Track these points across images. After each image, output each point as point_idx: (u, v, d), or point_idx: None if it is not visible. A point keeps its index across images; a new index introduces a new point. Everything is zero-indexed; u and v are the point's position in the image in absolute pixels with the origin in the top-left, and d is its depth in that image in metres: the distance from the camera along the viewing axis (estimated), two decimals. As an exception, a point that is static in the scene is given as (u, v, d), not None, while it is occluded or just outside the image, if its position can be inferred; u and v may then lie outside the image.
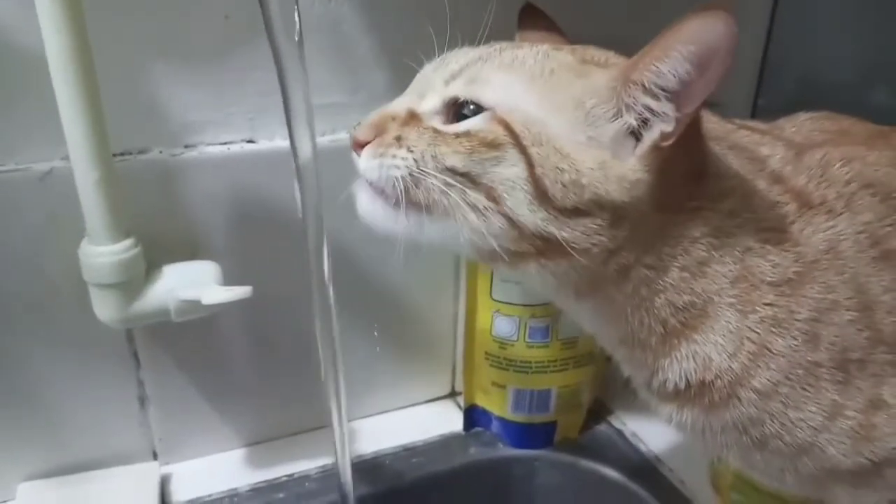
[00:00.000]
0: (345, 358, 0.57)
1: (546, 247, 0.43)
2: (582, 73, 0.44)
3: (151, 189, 0.62)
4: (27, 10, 0.49)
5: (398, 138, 0.44)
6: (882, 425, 0.46)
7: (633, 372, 0.51)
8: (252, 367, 0.72)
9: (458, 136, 0.43)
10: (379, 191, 0.45)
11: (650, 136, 0.42)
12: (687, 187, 0.44)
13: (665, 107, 0.41)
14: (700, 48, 0.39)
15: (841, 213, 0.46)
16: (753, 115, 0.89)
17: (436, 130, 0.44)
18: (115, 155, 0.57)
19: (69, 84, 0.50)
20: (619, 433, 0.79)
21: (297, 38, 0.45)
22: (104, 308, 0.56)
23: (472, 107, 0.44)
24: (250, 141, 0.65)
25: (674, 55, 0.39)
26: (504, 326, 0.72)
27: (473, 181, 0.43)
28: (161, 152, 0.62)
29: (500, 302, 0.71)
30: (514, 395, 0.74)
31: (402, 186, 0.43)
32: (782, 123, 0.53)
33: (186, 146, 0.63)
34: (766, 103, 0.87)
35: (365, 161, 0.45)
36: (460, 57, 0.46)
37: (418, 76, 0.48)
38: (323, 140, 0.66)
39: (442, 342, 0.81)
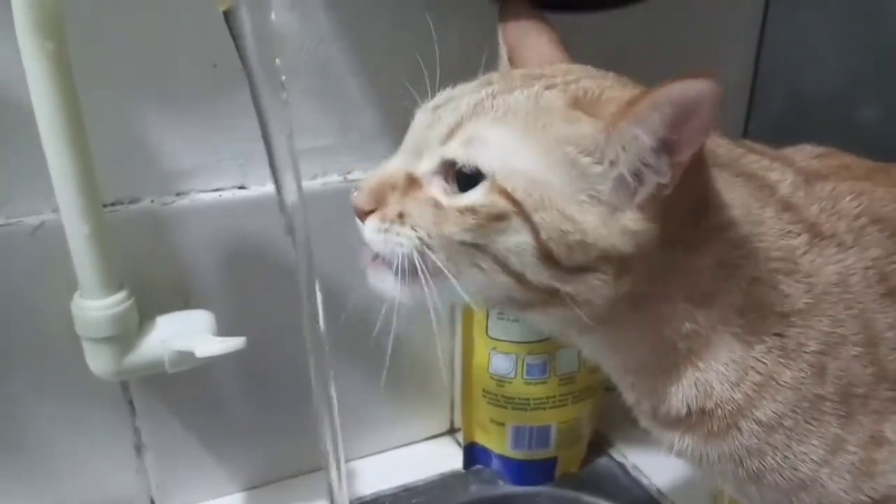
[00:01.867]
0: (340, 397, 0.57)
1: (552, 298, 0.43)
2: (571, 122, 0.42)
3: (143, 239, 0.62)
4: (14, 61, 0.48)
5: (401, 215, 0.44)
6: (882, 461, 0.46)
7: (638, 398, 0.51)
8: (248, 411, 0.72)
9: (461, 211, 0.42)
10: (385, 262, 0.45)
11: (646, 189, 0.41)
12: (691, 221, 0.44)
13: (656, 160, 0.40)
14: (681, 108, 0.38)
15: (851, 247, 0.46)
16: (745, 137, 0.89)
17: (438, 205, 0.43)
18: (105, 205, 0.57)
19: (58, 138, 0.49)
20: (621, 466, 0.79)
21: (283, 93, 0.45)
22: (98, 362, 0.56)
23: (469, 167, 0.42)
24: (241, 187, 0.65)
25: (651, 119, 0.39)
26: (501, 364, 0.71)
27: (479, 249, 0.42)
28: (152, 201, 0.62)
29: (496, 339, 0.71)
30: (513, 432, 0.74)
31: (407, 264, 0.43)
32: (788, 152, 0.53)
33: (178, 194, 0.63)
34: (757, 126, 0.88)
35: (369, 234, 0.45)
36: (452, 107, 0.45)
37: (412, 128, 0.47)
38: (314, 184, 0.66)
39: (439, 378, 0.80)
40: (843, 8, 0.77)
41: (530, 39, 0.53)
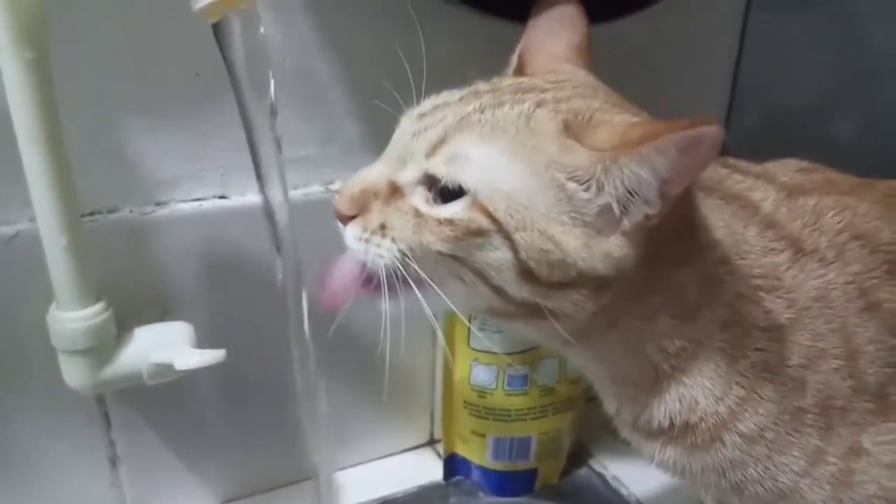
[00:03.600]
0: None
1: (533, 312, 0.43)
2: (564, 149, 0.42)
3: (121, 249, 0.61)
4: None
5: (382, 227, 0.44)
6: (860, 472, 0.47)
7: (619, 408, 0.52)
8: (226, 423, 0.71)
9: (440, 222, 0.42)
10: (365, 269, 0.45)
11: (634, 218, 0.41)
12: (676, 241, 0.44)
13: (649, 195, 0.40)
14: (681, 156, 0.38)
15: (832, 262, 0.47)
16: (723, 152, 0.90)
17: (418, 214, 0.43)
18: (83, 215, 0.56)
19: (36, 148, 0.48)
20: (601, 477, 0.79)
21: (270, 101, 0.45)
22: (74, 375, 0.54)
23: (451, 185, 0.42)
24: (222, 197, 0.64)
25: (653, 161, 0.39)
26: (482, 375, 0.71)
27: (459, 261, 0.42)
28: (131, 211, 0.61)
29: (478, 351, 0.70)
30: (493, 444, 0.74)
31: (386, 274, 0.43)
32: (772, 167, 0.53)
33: (157, 204, 0.62)
34: (735, 141, 0.88)
35: (351, 241, 0.45)
36: (438, 117, 0.44)
37: (396, 134, 0.47)
38: (296, 194, 0.66)
39: (419, 389, 0.80)
40: (820, 22, 0.78)
41: (547, 43, 0.52)
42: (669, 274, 0.45)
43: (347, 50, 0.64)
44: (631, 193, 0.40)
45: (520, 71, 0.51)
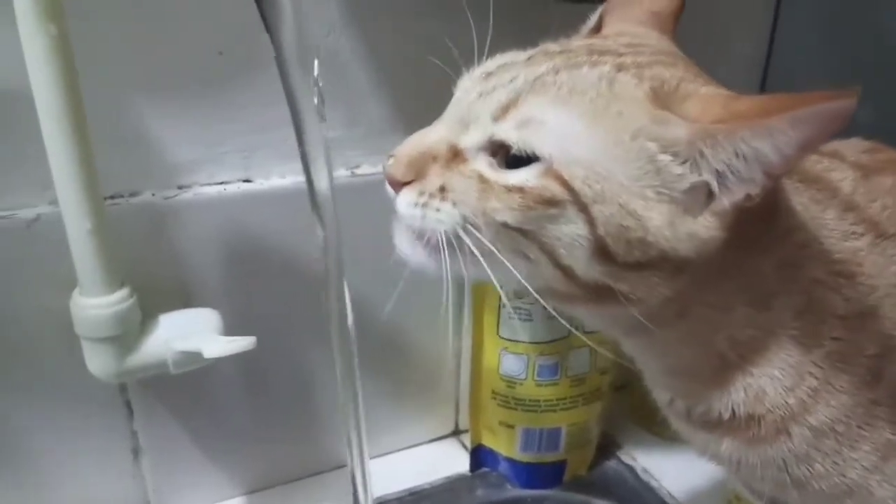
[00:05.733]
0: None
1: (600, 294, 0.40)
2: (657, 119, 0.38)
3: (143, 234, 0.59)
4: (9, 45, 0.46)
5: (442, 189, 0.40)
6: None
7: (673, 398, 0.49)
8: (249, 413, 0.69)
9: (509, 189, 0.39)
10: (420, 236, 0.41)
11: (731, 197, 0.38)
12: (758, 225, 0.41)
13: (755, 173, 0.37)
14: (815, 131, 0.35)
15: None
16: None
17: (483, 179, 0.40)
18: (104, 199, 0.55)
19: (60, 128, 0.47)
20: (630, 469, 0.77)
21: (314, 76, 0.42)
22: (98, 363, 0.53)
23: (524, 152, 0.39)
24: (246, 180, 0.62)
25: (784, 135, 0.35)
26: (512, 364, 0.69)
27: (525, 235, 0.39)
28: (154, 195, 0.59)
29: (507, 340, 0.69)
30: (523, 435, 0.72)
31: (446, 239, 0.40)
32: (839, 147, 0.50)
33: (180, 187, 0.60)
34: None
35: (405, 207, 0.41)
36: (507, 78, 0.40)
37: (458, 94, 0.43)
38: (321, 177, 0.64)
39: (444, 379, 0.78)
40: (847, 7, 0.76)
41: (629, 5, 0.48)
42: (749, 259, 0.42)
43: (375, 28, 0.63)
44: (734, 171, 0.37)
45: (597, 31, 0.48)
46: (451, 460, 0.78)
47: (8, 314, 0.57)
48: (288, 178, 0.63)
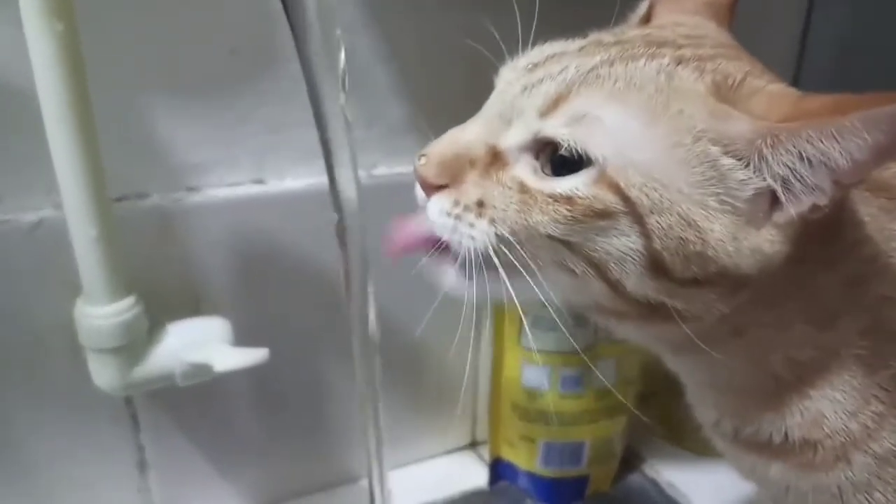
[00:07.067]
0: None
1: (651, 311, 0.37)
2: (718, 115, 0.35)
3: (151, 237, 0.57)
4: (13, 42, 0.44)
5: (480, 203, 0.37)
6: None
7: (720, 418, 0.46)
8: (259, 426, 0.67)
9: (555, 199, 0.36)
10: (447, 248, 0.38)
11: (797, 207, 0.35)
12: (823, 239, 0.38)
13: (823, 180, 0.34)
14: (892, 135, 0.32)
15: None
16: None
17: (524, 188, 0.37)
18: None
19: (65, 128, 0.45)
20: (654, 483, 0.75)
21: (341, 70, 0.39)
22: (103, 375, 0.50)
23: (574, 152, 0.36)
24: (259, 181, 0.60)
25: (855, 138, 0.32)
26: (534, 376, 0.67)
27: (572, 248, 0.36)
28: (162, 196, 0.57)
29: (529, 350, 0.66)
30: (544, 449, 0.69)
31: (476, 259, 0.37)
32: None
33: (189, 189, 0.58)
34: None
35: (436, 214, 0.38)
36: (556, 69, 0.37)
37: (499, 87, 0.40)
38: (338, 180, 0.61)
39: (461, 390, 0.75)
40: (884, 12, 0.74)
41: None
42: (812, 275, 0.39)
43: (394, 26, 0.60)
44: (799, 177, 0.34)
45: (646, 22, 0.45)
46: (468, 473, 0.75)
47: (9, 323, 0.54)
48: (303, 179, 0.61)
